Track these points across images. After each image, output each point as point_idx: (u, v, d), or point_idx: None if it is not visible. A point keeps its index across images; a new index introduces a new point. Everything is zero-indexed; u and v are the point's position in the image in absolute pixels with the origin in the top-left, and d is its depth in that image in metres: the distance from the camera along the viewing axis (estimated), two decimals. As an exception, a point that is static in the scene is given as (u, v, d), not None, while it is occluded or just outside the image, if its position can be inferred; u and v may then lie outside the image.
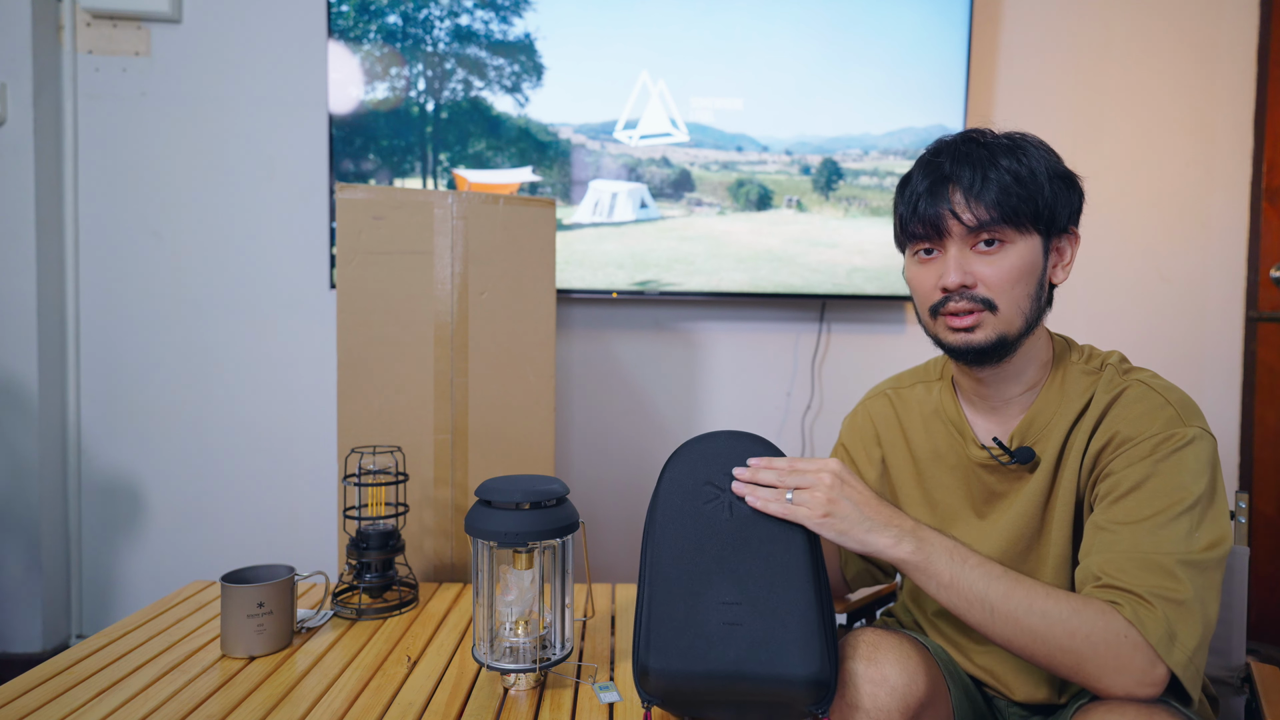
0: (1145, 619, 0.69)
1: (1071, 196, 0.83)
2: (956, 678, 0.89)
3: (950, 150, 0.83)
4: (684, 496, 0.81)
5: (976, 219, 0.80)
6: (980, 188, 0.79)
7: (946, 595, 0.74)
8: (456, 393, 1.36)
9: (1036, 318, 0.83)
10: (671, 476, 0.82)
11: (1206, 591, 0.72)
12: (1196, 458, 0.76)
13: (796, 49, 1.92)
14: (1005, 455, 0.85)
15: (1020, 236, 0.80)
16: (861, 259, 1.97)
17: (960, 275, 0.81)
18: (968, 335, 0.82)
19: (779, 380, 2.08)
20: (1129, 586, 0.71)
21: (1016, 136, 0.84)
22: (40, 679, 0.89)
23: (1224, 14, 2.07)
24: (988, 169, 0.80)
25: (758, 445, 0.83)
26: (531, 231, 1.39)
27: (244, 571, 1.01)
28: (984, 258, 0.81)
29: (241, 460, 1.98)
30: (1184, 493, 0.74)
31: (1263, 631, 2.02)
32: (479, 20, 1.86)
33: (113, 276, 1.94)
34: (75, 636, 1.98)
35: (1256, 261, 2.08)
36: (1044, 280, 0.83)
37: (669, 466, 0.83)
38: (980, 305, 0.81)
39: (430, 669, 0.95)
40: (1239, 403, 2.11)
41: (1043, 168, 0.81)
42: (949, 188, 0.81)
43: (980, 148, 0.82)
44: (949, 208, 0.81)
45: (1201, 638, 0.71)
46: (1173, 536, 0.73)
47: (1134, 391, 0.80)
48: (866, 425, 1.03)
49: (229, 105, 1.94)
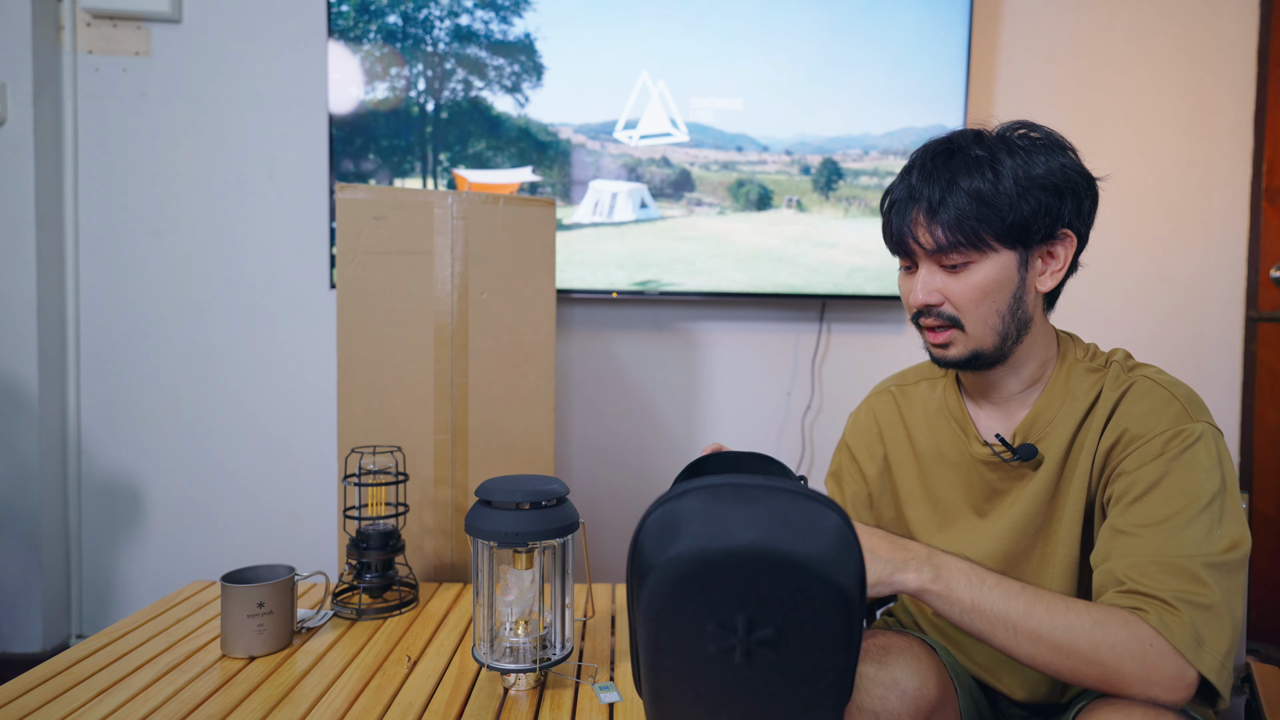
0: (1172, 625, 0.68)
1: (1058, 202, 0.79)
2: (963, 680, 0.89)
3: (922, 161, 0.82)
4: (684, 645, 0.57)
5: (935, 242, 0.79)
6: (938, 209, 0.78)
7: (969, 620, 0.71)
8: (456, 393, 1.36)
9: (1017, 330, 0.82)
10: (664, 610, 0.56)
11: (1233, 594, 0.71)
12: (1207, 453, 0.75)
13: (796, 49, 1.92)
14: (1008, 452, 0.85)
15: (985, 256, 0.79)
16: (861, 259, 1.97)
17: (926, 294, 0.81)
18: (942, 350, 0.84)
19: (779, 380, 2.08)
20: (1153, 592, 0.70)
21: (999, 142, 0.80)
22: (40, 679, 0.89)
23: (1224, 14, 2.07)
24: (946, 191, 0.78)
25: (767, 499, 0.56)
26: (531, 231, 1.39)
27: (244, 571, 1.01)
28: (951, 275, 0.81)
29: (241, 460, 1.98)
30: (1199, 490, 0.73)
31: (1263, 631, 2.02)
32: (479, 20, 1.86)
33: (113, 276, 1.94)
34: (75, 636, 1.98)
35: (1256, 261, 2.08)
36: (1021, 292, 0.81)
37: (655, 583, 0.55)
38: (948, 323, 0.82)
39: (430, 669, 0.95)
40: (1239, 403, 2.11)
41: (1016, 179, 0.77)
42: (914, 208, 0.80)
43: (950, 160, 0.80)
44: (909, 230, 0.81)
45: (1231, 640, 0.70)
46: (1194, 538, 0.72)
47: (1141, 387, 0.80)
48: (870, 423, 1.02)
49: (229, 105, 1.94)
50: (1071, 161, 0.81)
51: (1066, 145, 0.81)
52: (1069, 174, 0.80)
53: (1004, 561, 0.86)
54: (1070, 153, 0.81)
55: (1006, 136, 0.81)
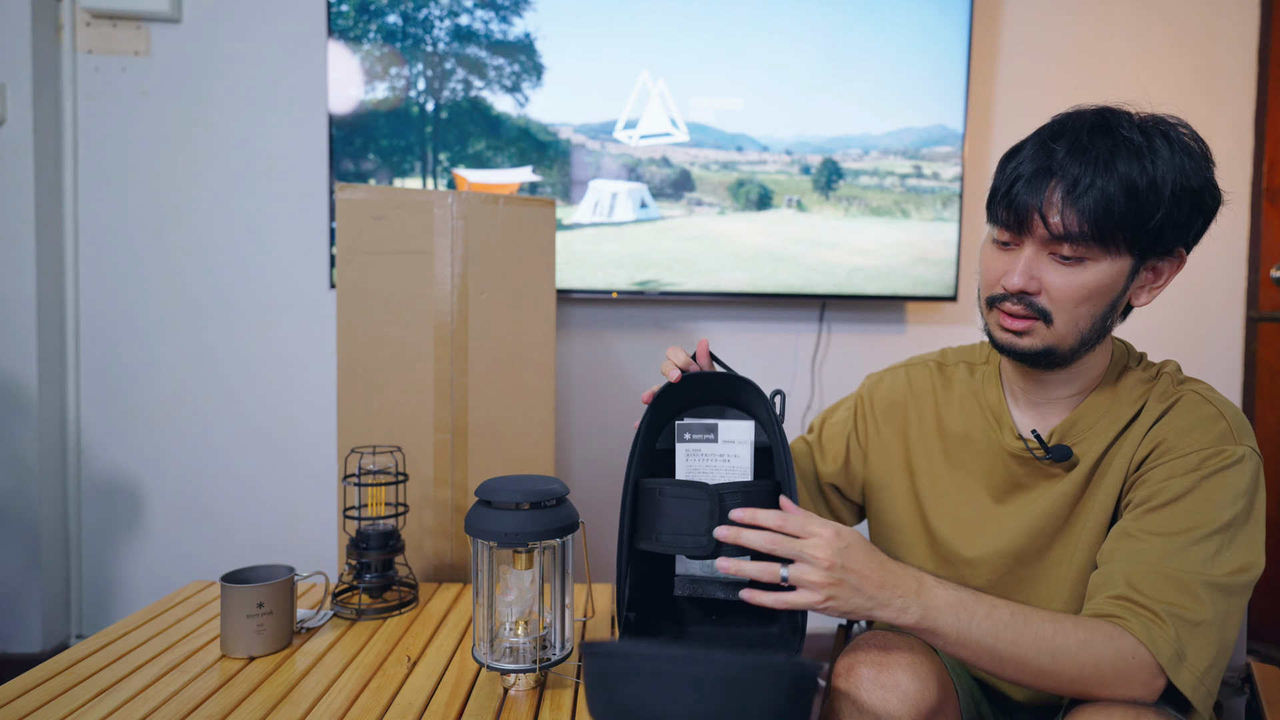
0: (1156, 637, 0.68)
1: (1193, 218, 0.73)
2: (963, 681, 0.89)
3: (1073, 134, 0.73)
4: None
5: (1065, 228, 0.72)
6: (1083, 192, 0.70)
7: (954, 650, 0.71)
8: (456, 393, 1.36)
9: (1097, 337, 0.78)
10: None
11: (1228, 617, 0.70)
12: (1242, 478, 0.73)
13: (797, 49, 1.92)
14: (1041, 450, 0.82)
15: (1106, 256, 0.73)
16: (862, 259, 1.97)
17: (1025, 281, 0.75)
18: (1015, 338, 0.78)
19: (779, 380, 2.08)
20: (1145, 602, 0.70)
21: (1158, 129, 0.72)
22: (40, 679, 0.89)
23: (1224, 14, 2.07)
24: (1099, 173, 0.70)
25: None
26: (531, 231, 1.39)
27: (244, 571, 1.00)
28: (1058, 267, 0.74)
29: (241, 460, 1.98)
30: (1221, 512, 0.72)
31: (1263, 631, 2.02)
32: (479, 20, 1.86)
33: (112, 276, 1.94)
34: (75, 637, 1.98)
35: (1257, 261, 2.08)
36: (1119, 302, 0.76)
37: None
38: (1036, 314, 0.76)
39: (430, 669, 0.95)
40: (1239, 403, 2.11)
41: (1170, 180, 0.70)
42: (1051, 182, 0.72)
43: (1107, 138, 0.71)
44: (1039, 207, 0.72)
45: (1214, 659, 0.69)
46: (1200, 555, 0.71)
47: (1188, 401, 0.78)
48: (897, 391, 0.98)
49: (229, 105, 1.94)
50: (1213, 177, 0.74)
51: (1210, 158, 0.74)
52: (1212, 191, 0.73)
53: (1016, 558, 0.85)
54: (1211, 164, 0.74)
55: (1162, 124, 0.73)
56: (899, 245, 1.96)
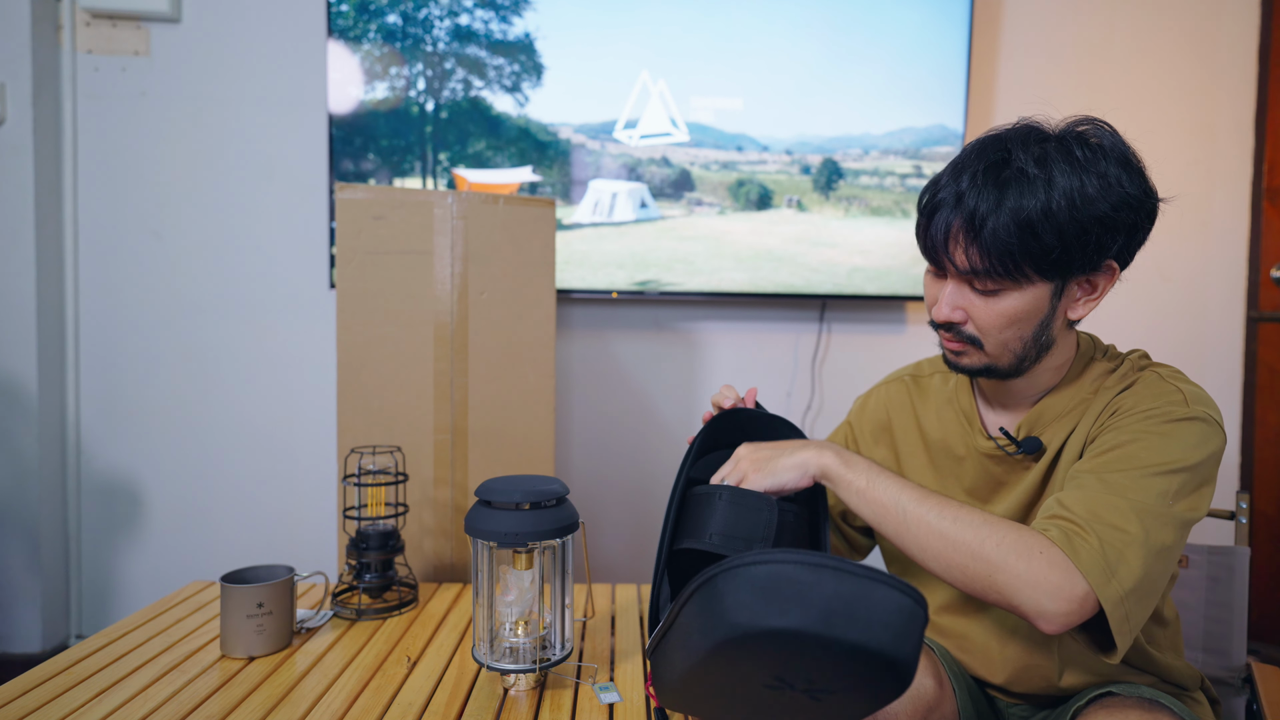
0: (1077, 545, 0.66)
1: (1108, 237, 0.72)
2: (960, 678, 0.89)
3: (974, 164, 0.74)
4: (738, 674, 0.59)
5: (970, 265, 0.73)
6: (978, 230, 0.71)
7: (861, 502, 0.74)
8: (456, 393, 1.36)
9: (1036, 353, 0.79)
10: (734, 654, 0.57)
11: (1161, 546, 0.67)
12: (1196, 435, 0.72)
13: (797, 49, 1.92)
14: (1011, 445, 0.84)
15: (1019, 287, 0.74)
16: (862, 259, 1.97)
17: (949, 312, 0.78)
18: (956, 358, 0.82)
19: (779, 380, 2.08)
20: (1069, 516, 0.69)
21: (1058, 150, 0.72)
22: (40, 679, 0.89)
23: (1224, 14, 2.07)
24: (990, 209, 0.71)
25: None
26: (531, 231, 1.39)
27: (244, 572, 1.00)
28: (979, 296, 0.76)
29: (241, 460, 1.98)
30: (1169, 457, 0.70)
31: (1263, 631, 2.02)
32: (479, 20, 1.86)
33: (112, 276, 1.94)
34: (75, 637, 1.98)
35: (1257, 261, 2.08)
36: (1049, 320, 0.77)
37: (741, 636, 0.55)
38: (966, 340, 0.79)
39: (430, 669, 0.95)
40: (1239, 403, 2.11)
41: (1065, 207, 0.69)
42: (956, 220, 0.73)
43: (999, 172, 0.72)
44: (943, 244, 0.75)
45: (1139, 582, 0.65)
46: (1143, 490, 0.69)
47: (1146, 378, 0.79)
48: (879, 411, 1.01)
49: (228, 105, 1.94)
50: (1133, 187, 0.72)
51: (1132, 160, 0.73)
52: (1128, 202, 0.72)
53: None
54: (1135, 173, 0.73)
55: (1067, 143, 0.72)
56: (899, 245, 1.96)
